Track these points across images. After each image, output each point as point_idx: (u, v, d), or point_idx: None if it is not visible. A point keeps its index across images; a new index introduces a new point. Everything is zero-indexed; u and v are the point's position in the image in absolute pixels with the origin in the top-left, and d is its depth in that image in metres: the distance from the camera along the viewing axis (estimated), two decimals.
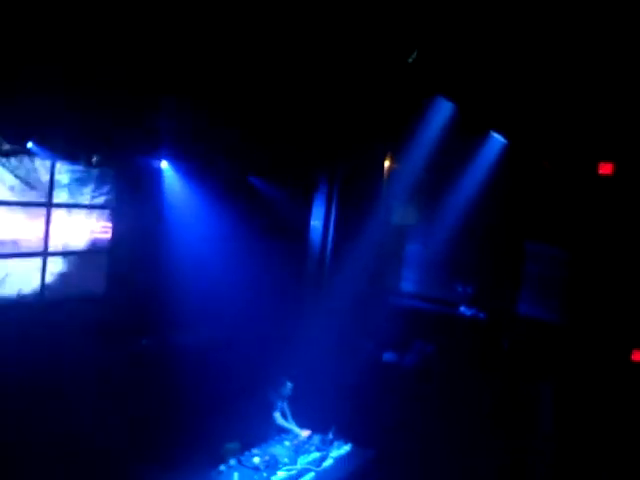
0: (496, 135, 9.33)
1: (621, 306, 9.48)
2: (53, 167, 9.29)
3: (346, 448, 8.26)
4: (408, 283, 10.99)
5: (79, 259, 9.94)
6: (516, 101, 7.48)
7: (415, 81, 6.83)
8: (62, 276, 9.72)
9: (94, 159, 9.41)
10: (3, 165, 8.57)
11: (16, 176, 8.83)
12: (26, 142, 8.23)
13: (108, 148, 9.39)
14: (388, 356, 10.59)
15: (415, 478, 8.71)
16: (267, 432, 8.34)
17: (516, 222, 9.93)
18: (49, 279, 9.52)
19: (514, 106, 7.65)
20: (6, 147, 8.28)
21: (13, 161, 8.56)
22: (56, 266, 9.63)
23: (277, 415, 8.30)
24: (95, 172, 9.77)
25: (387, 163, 10.91)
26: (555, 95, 7.54)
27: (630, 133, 8.70)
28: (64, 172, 9.44)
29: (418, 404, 9.83)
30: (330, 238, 11.04)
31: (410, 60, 5.70)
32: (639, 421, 9.03)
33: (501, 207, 9.77)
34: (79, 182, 9.70)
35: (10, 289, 8.99)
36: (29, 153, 8.49)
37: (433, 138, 9.36)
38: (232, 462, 7.47)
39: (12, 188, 8.81)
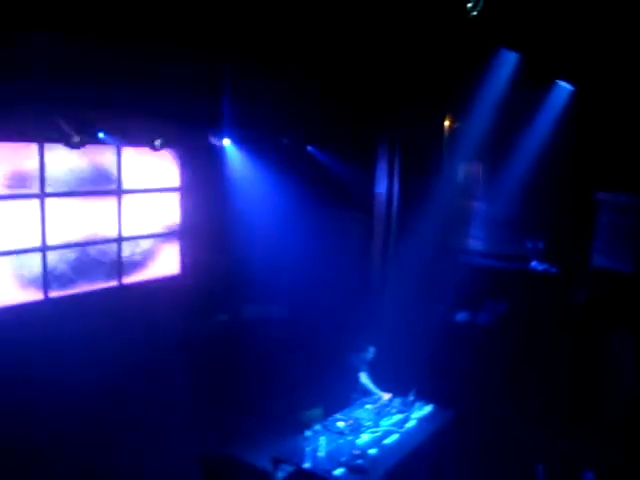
0: (562, 83, 8.99)
1: None
2: (119, 154, 9.59)
3: (427, 409, 8.33)
4: (477, 241, 10.81)
5: (152, 243, 10.27)
6: (583, 44, 7.18)
7: (476, 34, 6.65)
8: (136, 260, 10.08)
9: (157, 142, 9.65)
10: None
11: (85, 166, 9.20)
12: (94, 132, 8.50)
13: (170, 130, 9.61)
14: (461, 316, 10.55)
15: (494, 436, 8.70)
16: (349, 397, 8.50)
17: (586, 172, 9.60)
18: (125, 264, 9.89)
19: (581, 49, 7.34)
20: (76, 139, 8.54)
21: (82, 151, 8.86)
22: (131, 250, 9.99)
23: (362, 375, 8.42)
24: (160, 155, 10.00)
25: (447, 122, 10.77)
26: (621, 36, 7.22)
27: None
28: (131, 158, 9.74)
29: (494, 363, 9.79)
30: (395, 203, 10.99)
31: (475, 12, 5.56)
32: None
33: (570, 157, 9.45)
34: (146, 166, 9.98)
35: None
36: (97, 142, 8.75)
37: (495, 92, 9.09)
38: (317, 427, 7.65)
39: (82, 178, 9.20)
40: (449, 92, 9.69)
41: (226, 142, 9.92)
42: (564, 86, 9.17)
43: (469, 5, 5.78)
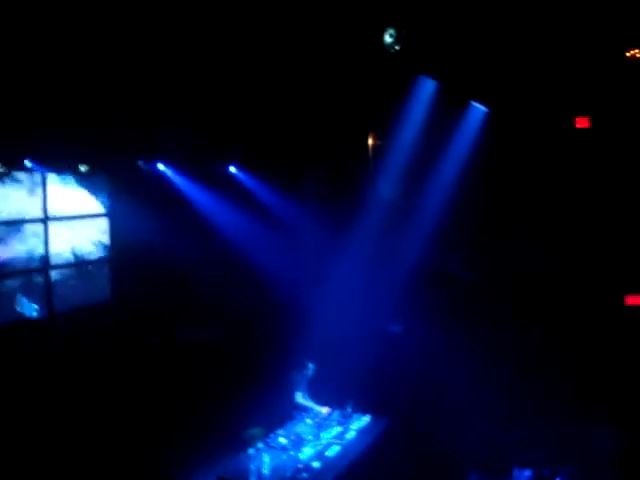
0: (477, 105, 9.58)
1: (611, 252, 9.87)
2: (45, 181, 9.46)
3: (365, 419, 8.57)
4: (407, 257, 11.22)
5: (82, 269, 10.14)
6: (493, 69, 7.71)
7: (395, 66, 7.03)
8: (68, 287, 9.93)
9: (83, 168, 9.57)
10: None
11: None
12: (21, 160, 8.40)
13: (97, 156, 9.55)
14: (394, 327, 10.92)
15: (431, 440, 9.04)
16: (289, 413, 8.65)
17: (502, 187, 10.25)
18: (56, 291, 9.73)
19: (492, 74, 7.88)
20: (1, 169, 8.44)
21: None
22: (61, 278, 9.84)
23: (299, 395, 8.60)
24: (89, 181, 9.92)
25: (370, 140, 11.17)
26: (528, 60, 7.82)
27: (604, 87, 9.04)
28: (57, 184, 9.61)
29: (423, 369, 10.17)
30: (326, 220, 11.28)
31: (397, 47, 5.89)
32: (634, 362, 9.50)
33: (487, 175, 10.09)
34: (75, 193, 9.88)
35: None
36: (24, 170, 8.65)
37: (416, 112, 9.57)
38: (260, 445, 7.72)
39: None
40: (371, 113, 10.11)
41: (160, 166, 9.98)
42: (479, 108, 9.74)
43: (388, 40, 6.10)
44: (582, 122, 9.80)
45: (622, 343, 9.68)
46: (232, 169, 11.19)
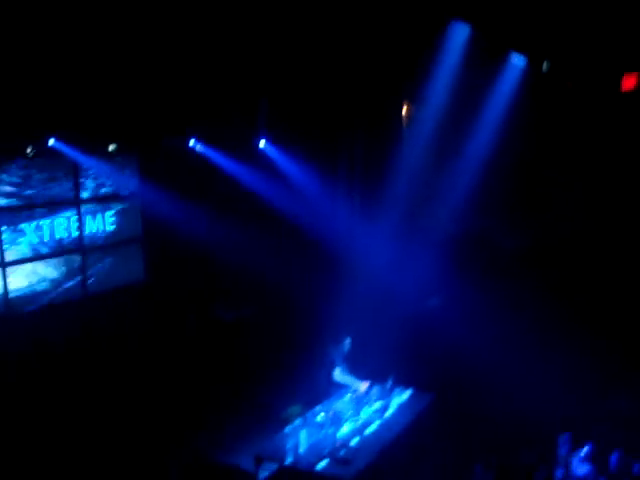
0: (516, 57, 9.01)
1: None
2: (75, 162, 9.38)
3: (406, 394, 8.32)
4: (441, 227, 10.81)
5: (115, 250, 10.08)
6: (535, 15, 7.20)
7: (424, 11, 6.62)
8: (102, 268, 9.89)
9: (111, 147, 9.46)
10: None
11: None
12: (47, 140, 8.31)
13: (126, 134, 9.42)
14: (433, 300, 10.59)
15: (473, 416, 8.74)
16: (328, 389, 8.43)
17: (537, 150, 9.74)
18: (90, 272, 9.70)
19: (533, 21, 7.36)
20: (29, 149, 8.38)
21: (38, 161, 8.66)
22: (95, 259, 9.80)
23: (337, 372, 8.36)
24: (118, 160, 9.80)
25: (405, 108, 10.78)
26: (575, 9, 7.27)
27: None
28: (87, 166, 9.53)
29: (467, 344, 9.83)
30: (358, 194, 11.01)
31: None
32: None
33: (526, 134, 9.56)
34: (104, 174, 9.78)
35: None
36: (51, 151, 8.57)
37: (449, 74, 9.16)
38: (297, 422, 7.56)
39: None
40: (404, 77, 9.71)
41: (192, 143, 9.81)
42: (516, 64, 9.17)
43: None
44: (630, 81, 9.22)
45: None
46: (262, 144, 10.88)
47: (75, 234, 9.52)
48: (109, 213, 9.98)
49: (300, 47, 8.72)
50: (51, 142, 8.47)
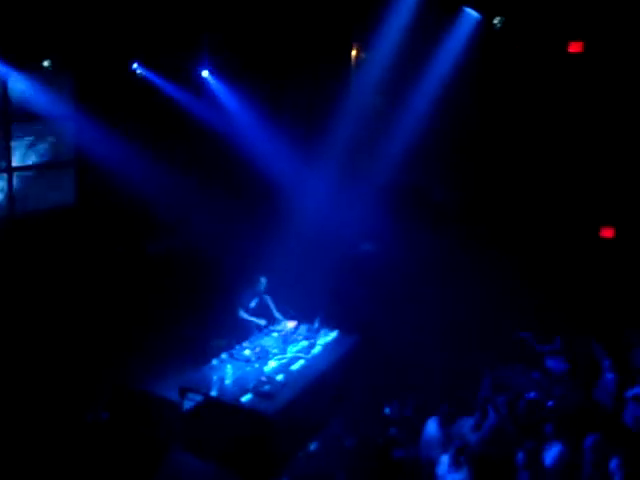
0: (469, 11, 8.96)
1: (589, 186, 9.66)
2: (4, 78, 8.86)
3: (332, 335, 8.52)
4: (381, 175, 10.88)
5: (47, 172, 9.71)
6: None
7: None
8: (31, 190, 9.52)
9: (46, 64, 8.96)
10: None
11: None
12: None
13: (63, 51, 8.93)
14: (365, 246, 10.76)
15: (396, 359, 9.04)
16: (248, 327, 8.53)
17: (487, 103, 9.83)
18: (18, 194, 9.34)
19: None
20: None
21: None
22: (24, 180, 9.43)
23: (242, 312, 8.46)
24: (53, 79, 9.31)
25: (354, 52, 10.63)
26: None
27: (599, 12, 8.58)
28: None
29: (394, 288, 10.08)
30: (300, 140, 10.90)
31: None
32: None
33: (474, 87, 9.61)
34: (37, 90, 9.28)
35: None
36: None
37: (402, 22, 9.07)
38: (224, 356, 7.66)
39: None
40: (355, 20, 9.56)
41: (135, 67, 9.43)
42: (471, 14, 9.11)
43: None
44: (575, 47, 9.39)
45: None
46: (205, 74, 10.53)
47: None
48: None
49: None
50: None
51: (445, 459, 6.04)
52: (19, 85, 9.00)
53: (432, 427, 6.66)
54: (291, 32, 10.18)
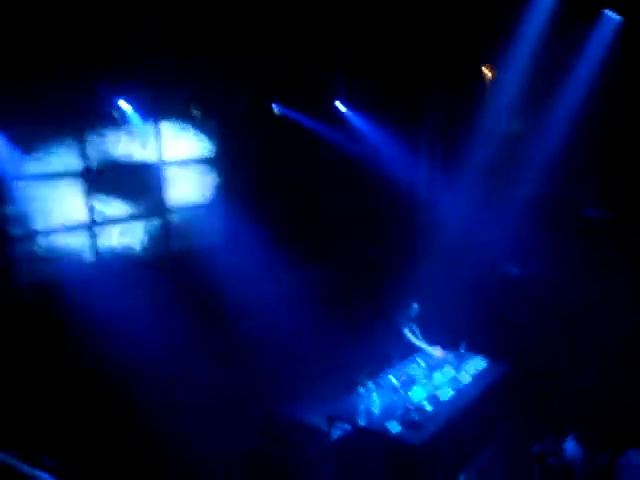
0: (608, 13, 8.40)
1: None
2: (158, 128, 9.59)
3: (482, 363, 8.23)
4: (525, 189, 10.43)
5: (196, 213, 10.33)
6: None
7: None
8: (183, 230, 10.18)
9: (194, 112, 9.62)
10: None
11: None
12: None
13: (208, 98, 9.54)
14: (514, 268, 10.31)
15: (549, 390, 8.54)
16: (400, 354, 8.45)
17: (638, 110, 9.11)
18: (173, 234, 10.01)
19: None
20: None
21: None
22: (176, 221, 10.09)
23: (406, 332, 8.36)
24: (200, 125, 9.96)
25: (488, 73, 10.41)
26: None
27: None
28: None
29: (549, 315, 9.55)
30: (439, 158, 10.82)
31: None
32: None
33: (621, 95, 8.97)
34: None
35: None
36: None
37: (534, 35, 8.74)
38: (370, 385, 7.63)
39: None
40: (486, 39, 9.34)
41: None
42: (610, 17, 8.53)
43: None
44: None
45: None
46: (340, 106, 10.78)
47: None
48: None
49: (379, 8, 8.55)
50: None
51: None
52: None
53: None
54: (421, 55, 10.15)
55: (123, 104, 8.48)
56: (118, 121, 8.68)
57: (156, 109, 9.18)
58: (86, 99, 8.05)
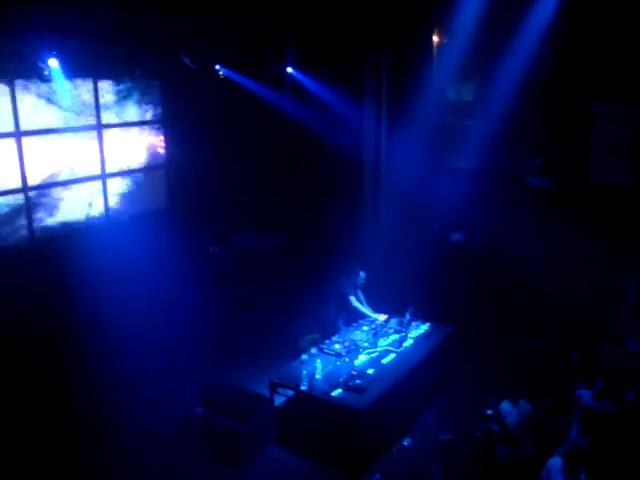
0: None
1: None
2: (96, 87, 9.20)
3: (424, 327, 8.29)
4: (469, 159, 10.45)
5: (137, 177, 10.02)
6: None
7: None
8: (124, 195, 9.85)
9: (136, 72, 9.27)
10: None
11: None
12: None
13: (149, 59, 9.19)
14: (457, 236, 10.37)
15: (491, 353, 8.68)
16: (345, 321, 8.43)
17: (579, 82, 9.16)
18: (111, 200, 9.68)
19: None
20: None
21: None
22: (117, 186, 9.76)
23: (352, 299, 8.34)
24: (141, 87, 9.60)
25: (435, 38, 10.31)
26: None
27: None
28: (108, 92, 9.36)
29: (488, 281, 9.66)
30: (383, 129, 10.69)
31: None
32: None
33: (561, 67, 9.00)
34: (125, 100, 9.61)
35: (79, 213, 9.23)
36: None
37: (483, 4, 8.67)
38: (313, 351, 7.59)
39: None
40: (436, 5, 9.23)
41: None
42: None
43: None
44: None
45: None
46: (289, 70, 10.56)
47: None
48: None
49: None
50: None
51: (556, 464, 5.64)
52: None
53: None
54: (369, 14, 9.97)
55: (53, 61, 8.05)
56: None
57: (94, 68, 8.77)
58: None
